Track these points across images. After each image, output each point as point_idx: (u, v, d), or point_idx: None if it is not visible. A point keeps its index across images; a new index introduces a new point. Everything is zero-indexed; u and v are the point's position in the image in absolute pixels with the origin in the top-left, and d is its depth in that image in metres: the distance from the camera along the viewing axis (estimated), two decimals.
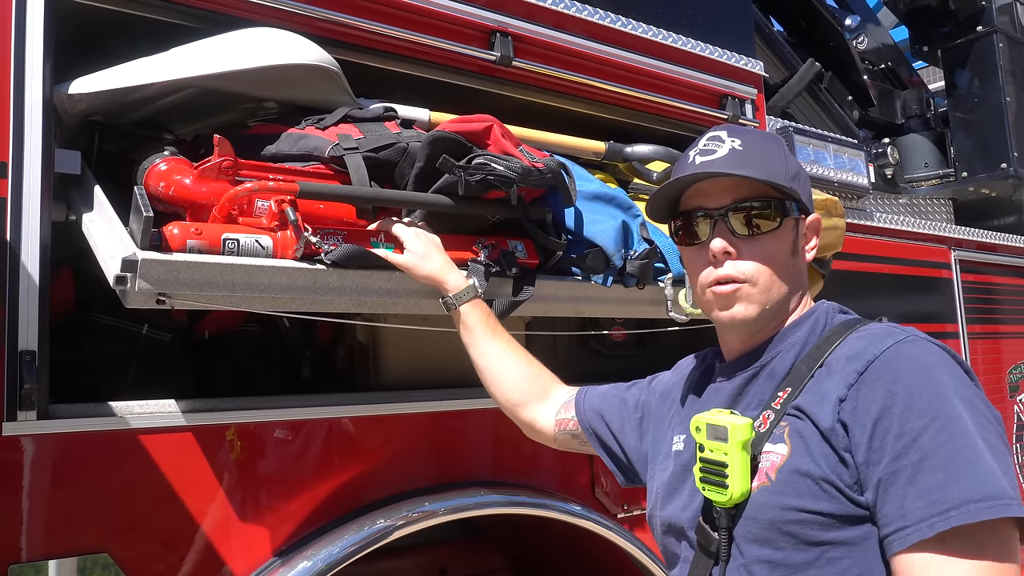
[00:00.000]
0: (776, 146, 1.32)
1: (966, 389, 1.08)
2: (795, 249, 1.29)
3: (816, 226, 1.34)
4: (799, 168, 1.32)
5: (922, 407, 1.05)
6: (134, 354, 1.91)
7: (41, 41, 1.55)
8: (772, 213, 1.26)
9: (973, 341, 3.77)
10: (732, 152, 1.26)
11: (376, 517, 1.83)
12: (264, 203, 1.58)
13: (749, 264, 1.25)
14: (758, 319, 1.26)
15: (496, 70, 2.24)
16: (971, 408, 1.06)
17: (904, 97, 4.62)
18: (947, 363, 1.10)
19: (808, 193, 1.32)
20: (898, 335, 1.14)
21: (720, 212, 1.26)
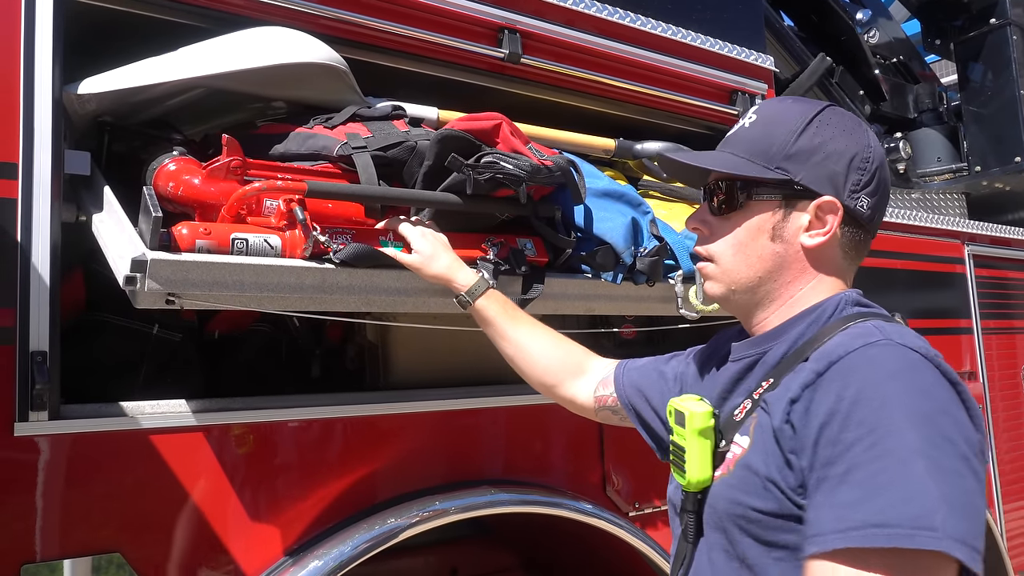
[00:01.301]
0: (790, 121, 1.23)
1: (924, 403, 0.98)
2: (776, 233, 1.23)
3: (831, 208, 1.21)
4: (816, 145, 1.21)
5: (861, 417, 0.99)
6: (144, 354, 1.91)
7: (50, 42, 1.55)
8: (735, 195, 1.24)
9: (987, 337, 3.74)
10: (739, 130, 1.29)
11: (387, 516, 1.82)
12: (273, 202, 1.58)
13: (713, 242, 1.28)
14: (727, 300, 1.28)
15: (505, 67, 2.23)
16: (924, 425, 0.96)
17: (916, 91, 4.58)
18: (912, 372, 1.02)
19: (827, 173, 1.20)
20: (872, 336, 1.07)
21: (709, 190, 1.29)
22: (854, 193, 1.21)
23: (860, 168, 1.21)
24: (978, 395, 3.64)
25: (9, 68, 1.52)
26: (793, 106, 1.27)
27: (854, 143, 1.22)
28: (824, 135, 1.21)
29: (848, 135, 1.22)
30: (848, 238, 1.24)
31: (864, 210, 1.22)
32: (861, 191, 1.21)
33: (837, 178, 1.21)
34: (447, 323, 1.96)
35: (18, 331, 1.47)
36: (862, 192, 1.21)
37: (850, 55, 4.19)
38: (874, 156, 1.23)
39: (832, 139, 1.21)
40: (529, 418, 2.16)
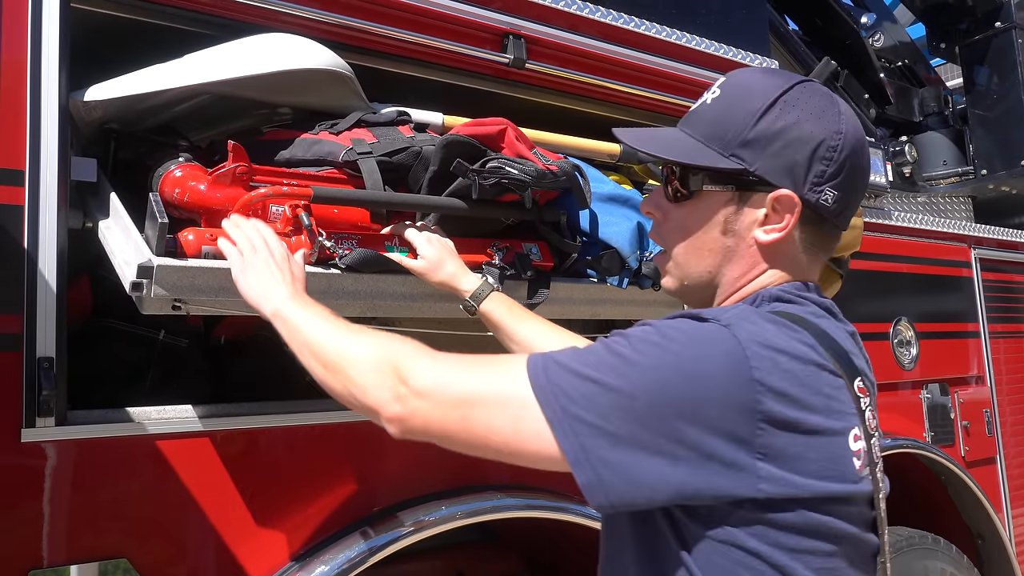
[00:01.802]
0: (752, 100, 1.12)
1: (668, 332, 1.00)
2: (727, 227, 1.14)
3: (787, 203, 1.10)
4: (778, 131, 1.09)
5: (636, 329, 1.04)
6: (151, 360, 1.92)
7: (57, 49, 1.56)
8: (687, 183, 1.16)
9: (995, 340, 3.72)
10: (699, 106, 1.18)
11: (393, 521, 1.82)
12: (278, 208, 1.58)
13: (668, 231, 1.22)
14: (680, 294, 1.23)
15: (509, 72, 2.23)
16: (606, 345, 1.02)
17: (922, 95, 4.57)
18: (690, 346, 0.99)
19: (785, 163, 1.09)
20: (715, 314, 1.04)
21: (665, 173, 1.22)
22: (817, 186, 1.10)
23: (825, 158, 1.09)
24: (986, 399, 3.63)
25: (16, 75, 1.52)
26: (760, 81, 1.15)
27: (821, 129, 1.09)
28: (788, 118, 1.10)
29: (815, 119, 1.10)
30: (809, 234, 1.14)
31: (828, 204, 1.11)
32: (825, 183, 1.10)
33: (797, 169, 1.09)
34: (452, 328, 1.96)
35: (25, 337, 1.47)
36: (826, 185, 1.10)
37: (855, 59, 4.19)
38: (844, 144, 1.10)
39: (796, 124, 1.09)
40: None
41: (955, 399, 3.47)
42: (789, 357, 1.00)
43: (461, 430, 1.04)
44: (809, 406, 0.99)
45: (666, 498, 0.98)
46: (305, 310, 1.28)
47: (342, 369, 1.16)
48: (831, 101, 1.13)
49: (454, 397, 1.05)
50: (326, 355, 1.19)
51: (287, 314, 1.28)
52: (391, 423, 1.09)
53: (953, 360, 3.58)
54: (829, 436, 1.01)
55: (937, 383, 3.42)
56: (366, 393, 1.12)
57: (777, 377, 0.97)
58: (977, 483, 3.33)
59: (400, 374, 1.08)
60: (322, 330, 1.23)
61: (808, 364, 1.01)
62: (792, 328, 1.04)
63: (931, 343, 3.44)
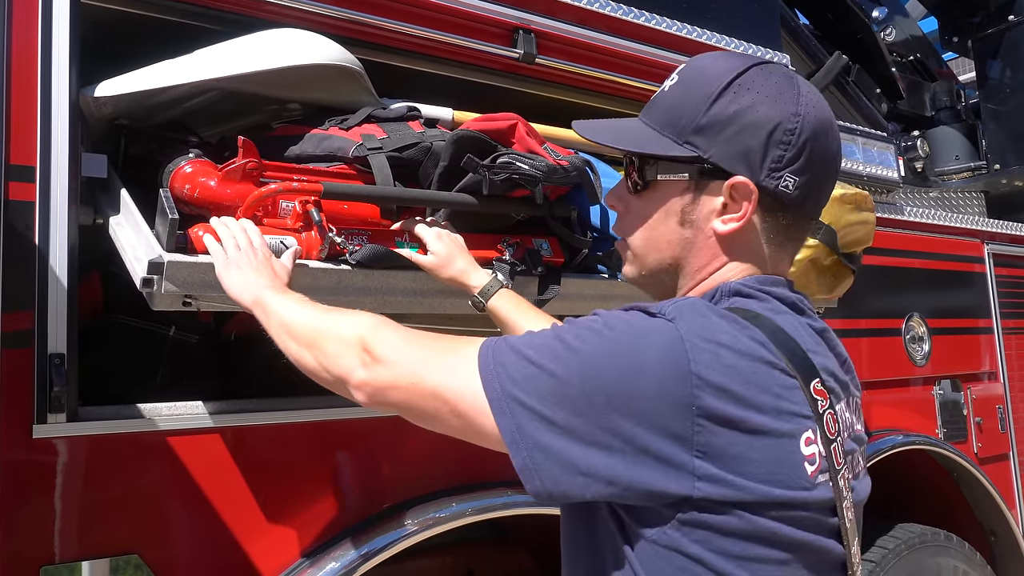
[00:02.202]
0: (706, 84, 1.08)
1: (569, 329, 1.01)
2: (685, 217, 1.11)
3: (743, 191, 1.06)
4: (731, 115, 1.06)
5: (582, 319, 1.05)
6: (161, 356, 1.92)
7: (67, 45, 1.56)
8: (643, 173, 1.12)
9: (1008, 336, 3.70)
10: (659, 93, 1.15)
11: (403, 518, 1.82)
12: (288, 204, 1.58)
13: (627, 223, 1.18)
14: (640, 285, 1.20)
15: (519, 67, 2.23)
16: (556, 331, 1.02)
17: (934, 89, 4.54)
18: (626, 334, 0.97)
19: (740, 149, 1.05)
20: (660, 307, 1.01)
21: (625, 164, 1.19)
22: (775, 171, 1.05)
23: (783, 142, 1.04)
24: (999, 395, 3.61)
25: (27, 71, 1.52)
26: (715, 64, 1.11)
27: (777, 111, 1.05)
28: (742, 102, 1.05)
29: (771, 102, 1.05)
30: (771, 223, 1.09)
31: (789, 190, 1.06)
32: (784, 169, 1.05)
33: (752, 155, 1.05)
34: (462, 324, 1.95)
35: (36, 334, 1.47)
36: (785, 170, 1.05)
37: (866, 53, 4.16)
38: (802, 127, 1.05)
39: (750, 107, 1.05)
40: None
41: (968, 395, 3.45)
42: (734, 352, 0.95)
43: (412, 400, 1.06)
44: (753, 404, 0.95)
45: (600, 489, 0.94)
46: (283, 297, 1.32)
47: (314, 343, 1.20)
48: (789, 83, 1.08)
49: (410, 367, 1.07)
50: (300, 333, 1.24)
51: (265, 302, 1.32)
52: (357, 389, 1.12)
53: (966, 356, 3.56)
54: (775, 437, 0.96)
55: (949, 379, 3.40)
56: (336, 362, 1.15)
57: (717, 372, 0.93)
58: (990, 479, 3.31)
59: (365, 343, 1.11)
60: (297, 312, 1.27)
61: (755, 361, 0.97)
62: (743, 324, 1.00)
63: (944, 339, 3.42)
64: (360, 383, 1.11)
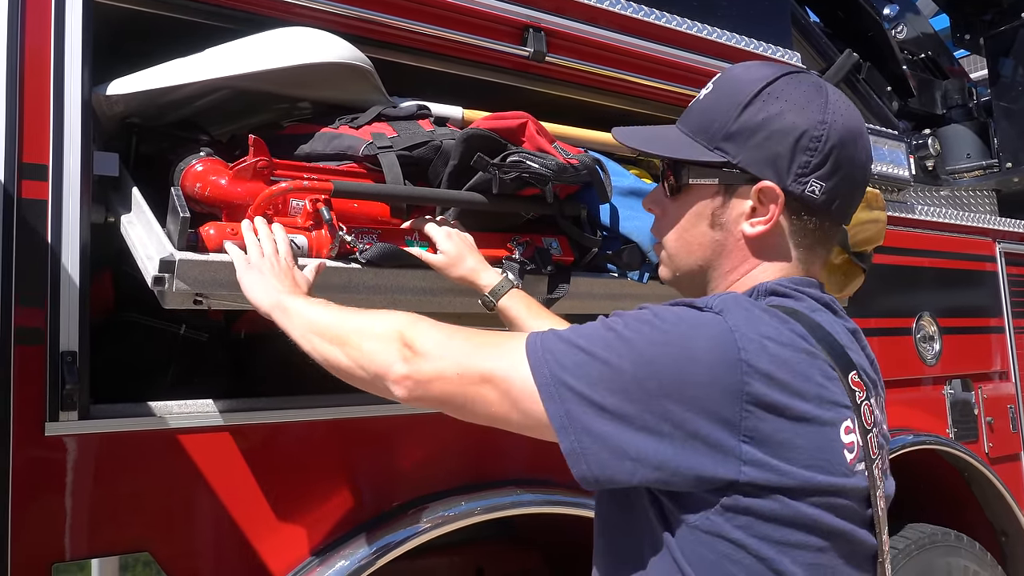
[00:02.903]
0: (737, 92, 1.13)
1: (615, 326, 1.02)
2: (715, 220, 1.15)
3: (771, 195, 1.11)
4: (760, 122, 1.10)
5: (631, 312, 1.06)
6: (172, 354, 1.92)
7: (80, 44, 1.57)
8: (678, 177, 1.18)
9: (1020, 335, 3.68)
10: (694, 102, 1.21)
11: (413, 516, 1.82)
12: (299, 202, 1.58)
13: (663, 226, 1.24)
14: (674, 284, 1.25)
15: (529, 66, 2.22)
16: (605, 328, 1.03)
17: (945, 87, 4.52)
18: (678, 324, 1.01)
19: (768, 155, 1.10)
20: (706, 301, 1.05)
21: (662, 169, 1.25)
22: (802, 177, 1.09)
23: (809, 148, 1.09)
24: (1010, 395, 3.59)
25: (39, 70, 1.53)
26: (747, 73, 1.15)
27: (804, 119, 1.09)
28: (770, 110, 1.10)
29: (799, 110, 1.10)
30: (798, 226, 1.13)
31: (816, 196, 1.10)
32: (810, 175, 1.09)
33: (780, 160, 1.09)
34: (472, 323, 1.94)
35: (48, 331, 1.48)
36: (811, 176, 1.09)
37: (877, 51, 4.14)
38: (828, 134, 1.09)
39: (780, 114, 1.10)
40: None
41: (979, 395, 3.43)
42: (778, 344, 1.00)
43: (457, 392, 1.07)
44: (798, 392, 0.99)
45: (647, 474, 0.97)
46: (305, 300, 1.33)
47: (348, 341, 1.19)
48: (818, 92, 1.13)
49: (454, 359, 1.08)
50: (330, 332, 1.23)
51: (286, 304, 1.32)
52: (397, 384, 1.12)
53: (977, 355, 3.54)
54: (818, 425, 1.00)
55: (960, 379, 3.39)
56: (373, 358, 1.15)
57: (765, 361, 0.97)
58: (1001, 479, 3.29)
59: (405, 338, 1.12)
60: (324, 312, 1.27)
61: (798, 352, 1.01)
62: (783, 318, 1.04)
63: (954, 338, 3.40)
64: (401, 377, 1.11)
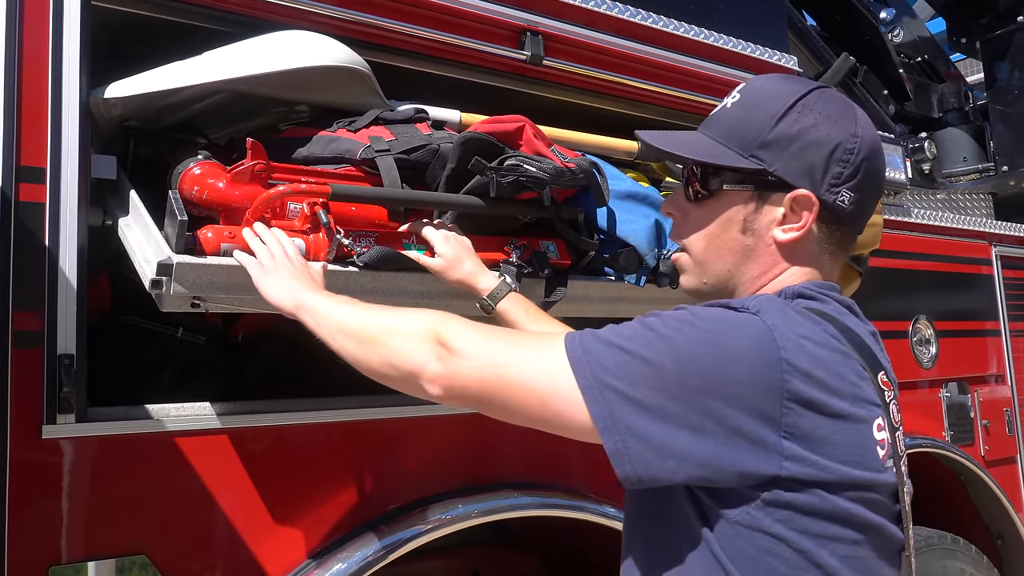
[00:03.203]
0: (772, 104, 1.16)
1: (700, 319, 1.04)
2: (747, 226, 1.17)
3: (805, 203, 1.14)
4: (796, 133, 1.13)
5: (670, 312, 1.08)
6: (169, 357, 1.92)
7: (77, 47, 1.57)
8: (707, 183, 1.19)
9: (1016, 339, 3.68)
10: (720, 110, 1.23)
11: (409, 519, 1.82)
12: (296, 206, 1.58)
13: (686, 230, 1.24)
14: (699, 294, 1.25)
15: (527, 69, 2.23)
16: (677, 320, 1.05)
17: (941, 90, 4.53)
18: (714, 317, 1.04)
19: (803, 164, 1.13)
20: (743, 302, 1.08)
21: (685, 174, 1.25)
22: (834, 187, 1.13)
23: (842, 160, 1.13)
24: (1006, 398, 3.60)
25: (37, 73, 1.53)
26: (779, 87, 1.19)
27: (838, 132, 1.14)
28: (805, 121, 1.14)
29: (832, 123, 1.14)
30: (826, 233, 1.17)
31: (845, 205, 1.14)
32: (842, 185, 1.13)
33: (815, 170, 1.13)
34: None
35: (46, 334, 1.48)
36: (843, 186, 1.14)
37: (874, 54, 4.15)
38: (860, 147, 1.14)
39: (814, 126, 1.14)
40: None
41: (975, 398, 3.44)
42: (814, 343, 1.03)
43: (496, 392, 1.08)
44: (835, 390, 1.02)
45: (690, 472, 0.99)
46: (330, 298, 1.32)
47: (379, 340, 1.19)
48: (848, 106, 1.18)
49: (493, 359, 1.08)
50: (361, 330, 1.22)
51: (312, 304, 1.31)
52: (432, 383, 1.11)
53: (973, 358, 3.55)
54: (854, 422, 1.04)
55: (956, 382, 3.39)
56: (406, 357, 1.14)
57: (804, 359, 1.01)
58: (997, 483, 3.30)
59: (440, 337, 1.12)
60: (352, 311, 1.27)
61: (833, 351, 1.05)
62: (816, 319, 1.07)
63: (951, 341, 3.41)
64: (435, 376, 1.11)
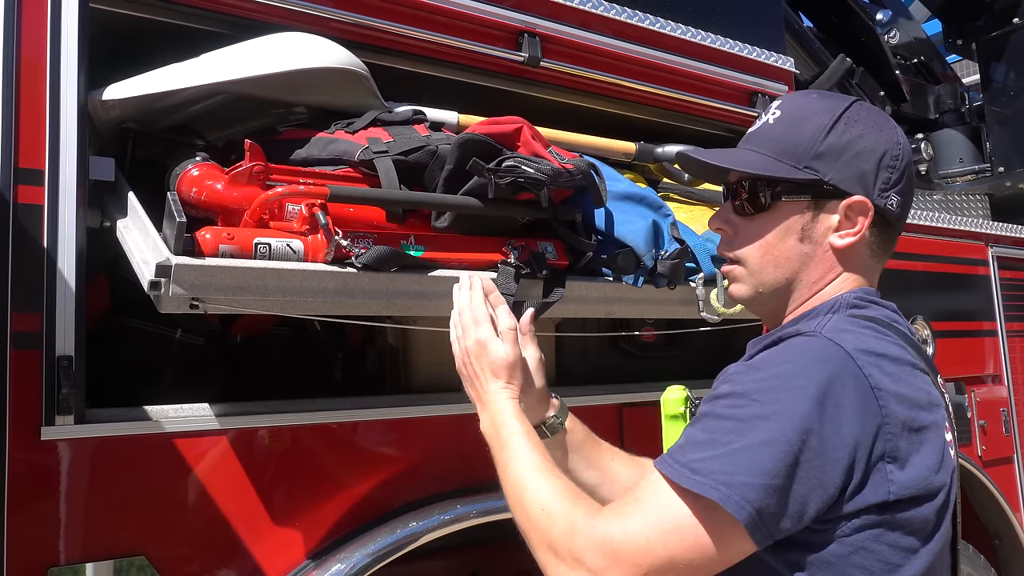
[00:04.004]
0: (817, 118, 1.20)
1: (793, 381, 1.03)
2: (804, 234, 1.21)
3: (862, 208, 1.19)
4: (846, 143, 1.18)
5: (737, 382, 1.07)
6: (168, 358, 1.93)
7: (76, 49, 1.57)
8: (762, 196, 1.22)
9: (1012, 339, 3.69)
10: (762, 126, 1.26)
11: (408, 520, 1.83)
12: (295, 207, 1.59)
13: (738, 243, 1.26)
14: (753, 301, 1.27)
15: (524, 71, 2.23)
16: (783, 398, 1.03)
17: (937, 92, 4.54)
18: (804, 364, 1.05)
19: (856, 172, 1.19)
20: (808, 328, 1.10)
21: (730, 190, 1.27)
22: (884, 192, 1.19)
23: (890, 166, 1.19)
24: (1003, 399, 3.60)
25: (35, 74, 1.53)
26: (819, 102, 1.24)
27: (883, 140, 1.20)
28: (853, 132, 1.19)
29: (878, 131, 1.20)
30: (876, 237, 1.22)
31: (894, 208, 1.20)
32: (891, 189, 1.19)
33: (867, 177, 1.19)
34: None
35: (44, 336, 1.48)
36: (892, 191, 1.19)
37: (870, 56, 4.16)
38: (903, 153, 1.21)
39: (861, 136, 1.19)
40: None
41: (972, 398, 3.44)
42: (890, 360, 1.07)
43: (654, 572, 1.03)
44: (918, 403, 1.08)
45: (812, 517, 1.01)
46: (499, 434, 1.35)
47: (536, 528, 1.21)
48: (886, 116, 1.25)
49: (636, 560, 1.03)
50: (527, 511, 1.24)
51: (487, 431, 1.39)
52: None
53: (970, 359, 3.55)
54: (934, 430, 1.09)
55: (953, 382, 3.40)
56: (557, 570, 1.13)
57: (888, 380, 1.05)
58: (994, 483, 3.31)
59: (575, 556, 1.08)
60: (529, 479, 1.27)
61: (905, 365, 1.09)
62: (882, 332, 1.12)
63: (947, 342, 3.41)
64: None
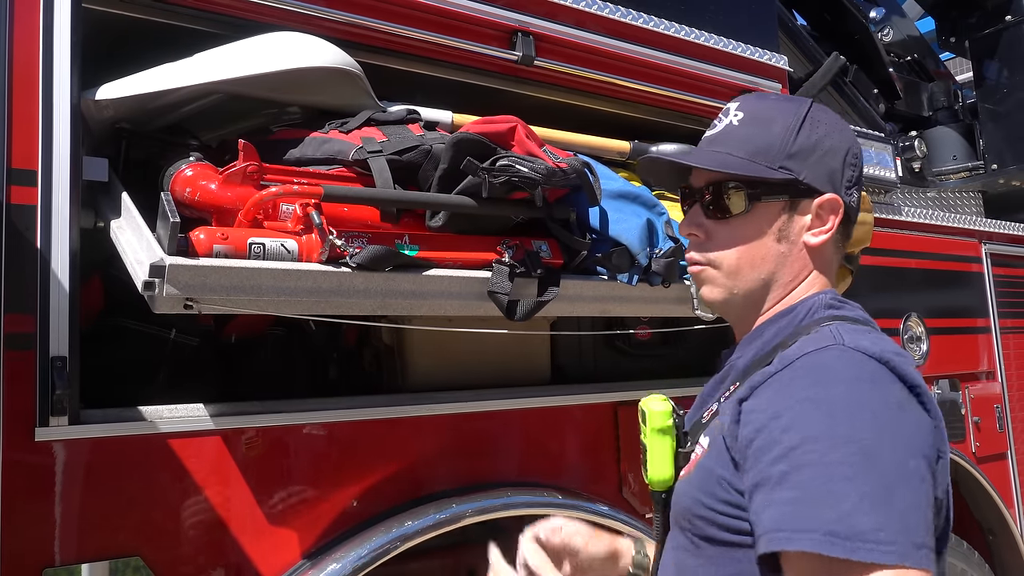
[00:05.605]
0: (783, 119, 1.21)
1: (860, 412, 0.98)
2: (781, 234, 1.21)
3: (833, 206, 1.20)
4: (814, 143, 1.20)
5: (803, 424, 0.99)
6: (162, 359, 1.92)
7: (68, 48, 1.57)
8: (739, 197, 1.21)
9: (1005, 336, 3.71)
10: (726, 128, 1.25)
11: (404, 519, 1.83)
12: (289, 207, 1.59)
13: (712, 247, 1.24)
14: (726, 304, 1.25)
15: (518, 70, 2.23)
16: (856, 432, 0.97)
17: (931, 89, 4.55)
18: (860, 385, 1.01)
19: (826, 171, 1.20)
20: (824, 341, 1.07)
21: (698, 193, 1.25)
22: (849, 189, 1.22)
23: (852, 164, 1.23)
24: (996, 395, 3.62)
25: (28, 75, 1.53)
26: (781, 103, 1.27)
27: (845, 139, 1.23)
28: (819, 132, 1.21)
29: (840, 131, 1.24)
30: (840, 234, 1.24)
31: (854, 204, 1.24)
32: (853, 186, 1.23)
33: (835, 175, 1.21)
34: (462, 325, 1.96)
35: (38, 337, 1.48)
36: (854, 187, 1.23)
37: (864, 54, 4.17)
38: (860, 151, 1.26)
39: (827, 135, 1.22)
40: (545, 420, 2.15)
41: (966, 395, 3.46)
42: (899, 356, 1.08)
43: None
44: (931, 396, 1.08)
45: None
46: None
47: None
48: (840, 117, 1.28)
49: None
50: None
51: None
52: None
53: (963, 356, 3.57)
54: (942, 419, 1.10)
55: (947, 379, 3.41)
56: None
57: (911, 375, 1.05)
58: (988, 479, 3.32)
59: None
60: None
61: (906, 357, 1.10)
62: (879, 332, 1.14)
63: (941, 339, 3.43)
64: None
